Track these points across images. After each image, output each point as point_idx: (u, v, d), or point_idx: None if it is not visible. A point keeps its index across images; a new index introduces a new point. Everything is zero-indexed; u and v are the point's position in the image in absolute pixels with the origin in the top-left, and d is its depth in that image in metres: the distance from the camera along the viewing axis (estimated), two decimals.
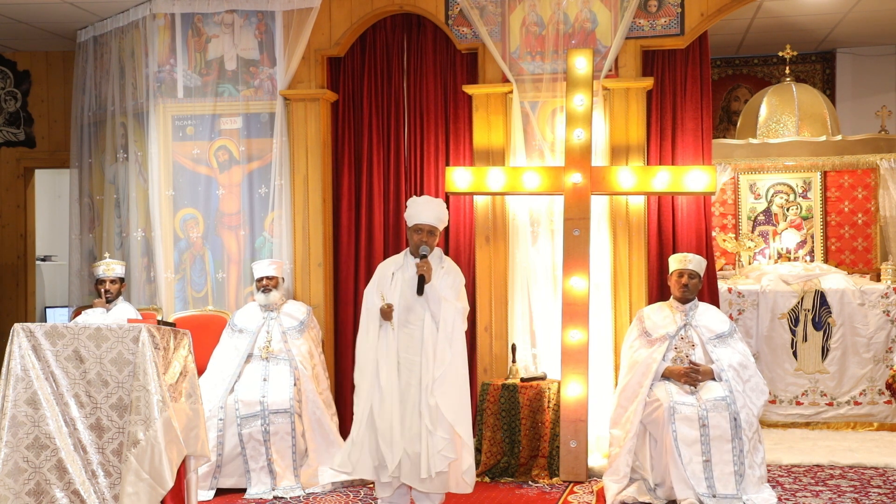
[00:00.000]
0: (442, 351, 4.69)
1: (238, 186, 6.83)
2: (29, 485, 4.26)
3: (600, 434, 6.07)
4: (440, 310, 4.72)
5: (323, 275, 6.72)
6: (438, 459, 4.61)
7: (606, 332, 6.33)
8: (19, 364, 4.32)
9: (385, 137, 6.86)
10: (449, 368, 4.69)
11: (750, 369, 5.43)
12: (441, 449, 4.61)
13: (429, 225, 4.87)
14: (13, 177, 8.61)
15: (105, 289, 6.11)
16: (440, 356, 4.68)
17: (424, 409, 4.64)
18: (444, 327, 4.71)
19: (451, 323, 4.72)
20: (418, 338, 4.73)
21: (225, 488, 5.67)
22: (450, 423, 4.64)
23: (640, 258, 6.37)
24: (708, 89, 6.51)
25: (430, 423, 4.62)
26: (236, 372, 5.88)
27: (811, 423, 7.35)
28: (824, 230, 8.09)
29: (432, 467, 4.60)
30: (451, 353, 4.71)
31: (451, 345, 4.71)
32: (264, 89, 6.82)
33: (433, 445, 4.61)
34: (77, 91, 7.46)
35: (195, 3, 6.84)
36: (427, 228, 4.86)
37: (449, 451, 4.64)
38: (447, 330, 4.71)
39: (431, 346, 4.69)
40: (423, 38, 6.84)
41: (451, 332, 4.72)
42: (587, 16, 6.49)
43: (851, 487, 5.58)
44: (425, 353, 4.69)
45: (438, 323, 4.72)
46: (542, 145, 6.50)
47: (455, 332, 4.74)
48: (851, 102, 9.37)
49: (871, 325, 7.29)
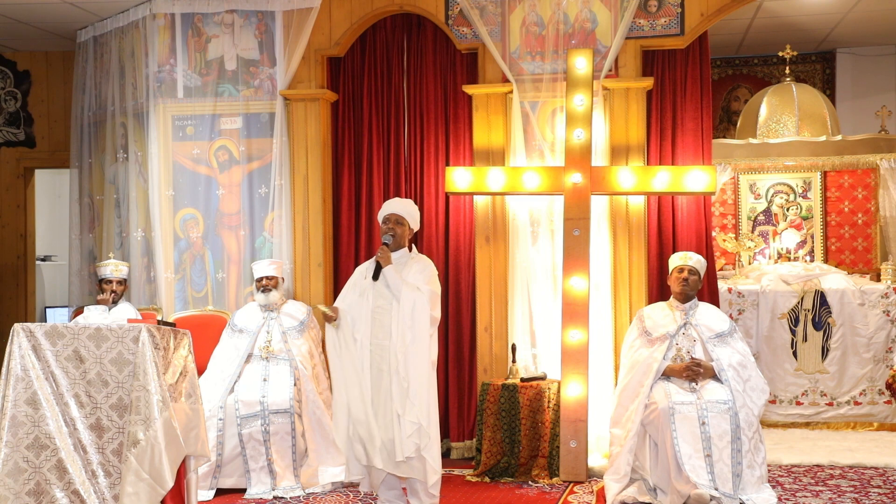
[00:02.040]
0: (402, 332, 4.77)
1: (238, 186, 6.83)
2: (29, 485, 4.26)
3: (600, 434, 6.07)
4: (400, 293, 4.80)
5: (323, 275, 6.72)
6: (407, 444, 4.68)
7: (606, 332, 6.33)
8: (19, 364, 4.32)
9: (385, 137, 6.86)
10: (409, 349, 4.75)
11: (750, 369, 5.43)
12: (409, 434, 4.68)
13: (395, 214, 4.99)
14: (13, 177, 8.61)
15: (112, 290, 6.11)
16: (400, 338, 4.77)
17: (395, 392, 4.73)
18: (402, 309, 4.79)
19: (410, 306, 4.79)
20: (387, 323, 4.82)
21: (225, 488, 5.66)
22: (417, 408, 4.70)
23: (640, 258, 6.37)
24: (708, 89, 6.51)
25: (399, 407, 4.71)
26: (236, 372, 5.88)
27: (811, 423, 7.35)
28: (824, 230, 8.09)
29: (404, 451, 4.68)
30: (412, 335, 4.77)
31: (411, 328, 4.77)
32: (264, 89, 6.82)
33: (403, 429, 4.69)
34: (77, 91, 7.46)
35: (195, 3, 6.84)
36: (393, 218, 4.98)
37: (417, 437, 4.70)
38: (405, 312, 4.78)
39: (397, 330, 4.79)
40: (423, 38, 6.84)
41: (412, 315, 4.78)
42: (587, 16, 6.49)
43: (851, 487, 5.58)
44: (392, 338, 4.79)
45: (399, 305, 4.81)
46: (542, 145, 6.50)
47: (416, 315, 4.79)
48: (851, 102, 9.37)
49: (871, 325, 7.29)
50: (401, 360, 4.74)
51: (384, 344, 4.81)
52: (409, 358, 4.75)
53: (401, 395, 4.72)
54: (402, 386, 4.73)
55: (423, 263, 5.00)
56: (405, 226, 5.00)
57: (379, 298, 4.86)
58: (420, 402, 4.73)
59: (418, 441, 4.71)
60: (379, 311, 4.85)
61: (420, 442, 4.72)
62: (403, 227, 4.99)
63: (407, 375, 4.73)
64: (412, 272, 4.91)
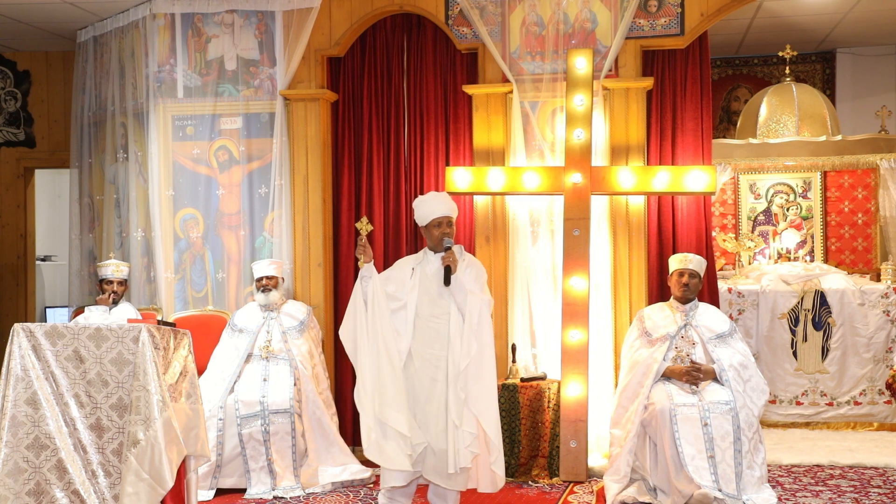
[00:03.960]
0: (468, 343, 4.63)
1: (238, 186, 6.83)
2: (29, 485, 4.26)
3: (600, 434, 6.07)
4: (466, 302, 4.67)
5: (323, 275, 6.72)
6: (464, 454, 4.55)
7: (606, 333, 6.33)
8: (19, 364, 4.32)
9: (385, 137, 6.86)
10: (475, 360, 4.64)
11: (750, 369, 5.43)
12: (468, 444, 4.56)
13: (447, 217, 4.85)
14: (13, 177, 8.61)
15: (113, 290, 6.11)
16: (465, 348, 4.63)
17: (452, 402, 4.58)
18: (469, 319, 4.66)
19: (477, 315, 4.66)
20: (444, 332, 4.69)
21: (225, 488, 5.67)
22: (475, 418, 4.59)
23: (640, 258, 6.37)
24: (708, 89, 6.51)
25: (456, 417, 4.57)
26: (236, 372, 5.88)
27: (811, 423, 7.35)
28: (824, 230, 8.09)
29: (458, 462, 4.55)
30: (478, 345, 4.65)
31: (477, 337, 4.65)
32: (264, 89, 6.82)
33: (460, 440, 4.55)
34: (77, 91, 7.46)
35: (195, 3, 6.84)
36: (446, 220, 4.84)
37: (474, 447, 4.59)
38: (473, 322, 4.66)
39: (458, 339, 4.64)
40: (423, 38, 6.84)
41: (478, 325, 4.67)
42: (587, 16, 6.49)
43: (851, 487, 5.58)
44: (452, 346, 4.64)
45: (464, 315, 4.67)
46: (542, 145, 6.50)
47: (482, 325, 4.69)
48: (851, 102, 9.37)
49: (871, 325, 7.29)
50: (462, 369, 4.59)
51: (440, 354, 4.66)
52: (475, 368, 4.62)
53: (458, 406, 4.57)
54: (460, 396, 4.58)
55: (476, 269, 4.85)
56: (454, 225, 4.88)
57: (433, 307, 4.71)
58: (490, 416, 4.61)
59: (474, 450, 4.59)
60: (434, 320, 4.71)
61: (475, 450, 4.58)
62: (454, 227, 4.87)
63: (466, 386, 4.59)
64: (468, 278, 4.76)
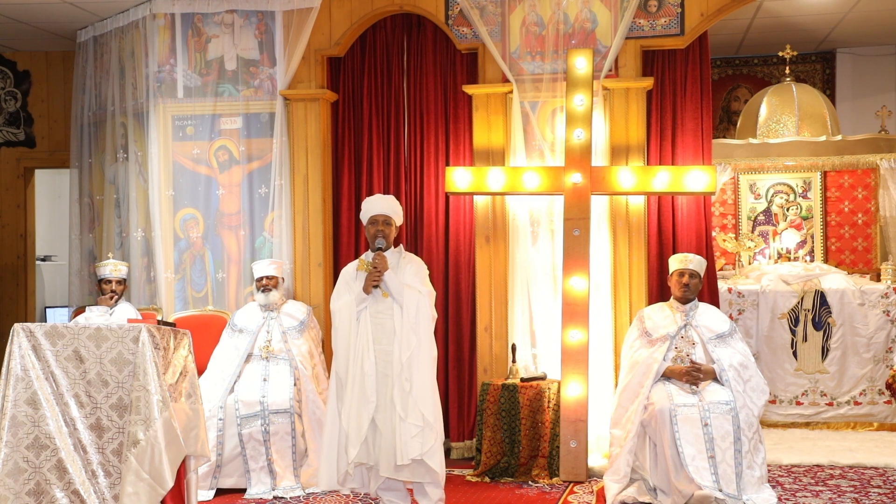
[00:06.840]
0: (406, 337, 4.73)
1: (238, 186, 6.83)
2: (29, 485, 4.26)
3: (600, 434, 6.07)
4: (403, 297, 4.76)
5: (323, 275, 6.72)
6: (411, 445, 4.63)
7: (606, 333, 6.33)
8: (19, 364, 4.32)
9: (385, 137, 6.86)
10: (415, 353, 4.72)
11: (750, 369, 5.43)
12: (414, 435, 4.64)
13: (383, 215, 4.90)
14: (13, 177, 8.61)
15: (111, 289, 6.11)
16: (405, 342, 4.72)
17: (397, 396, 4.68)
18: (407, 313, 4.75)
19: (414, 308, 4.75)
20: (389, 327, 4.77)
21: (225, 488, 5.67)
22: (420, 410, 4.67)
23: (640, 258, 6.37)
24: (708, 89, 6.51)
25: (401, 410, 4.67)
26: (236, 372, 5.88)
27: (811, 423, 7.35)
28: (824, 230, 8.09)
29: (406, 454, 4.63)
30: (416, 338, 4.74)
31: (415, 330, 4.74)
32: (264, 89, 6.82)
33: (405, 432, 4.64)
34: (77, 91, 7.46)
35: (195, 3, 6.85)
36: (382, 218, 4.89)
37: (420, 438, 4.66)
38: (410, 316, 4.75)
39: (401, 333, 4.74)
40: (423, 38, 6.84)
41: (415, 318, 4.75)
42: (587, 16, 6.49)
43: (851, 487, 5.58)
44: (397, 341, 4.74)
45: (403, 309, 4.76)
46: (542, 145, 6.50)
47: (420, 317, 4.77)
48: (851, 102, 9.37)
49: (871, 325, 7.29)
50: (405, 363, 4.70)
51: (388, 349, 4.75)
52: (414, 361, 4.71)
53: (402, 399, 4.68)
54: (405, 389, 4.69)
55: (416, 265, 4.95)
56: (392, 225, 4.93)
57: (379, 303, 4.80)
58: (426, 402, 4.69)
59: (422, 442, 4.67)
60: (380, 315, 4.80)
61: (424, 443, 4.67)
62: (391, 226, 4.92)
63: (410, 378, 4.69)
64: (407, 274, 4.86)
